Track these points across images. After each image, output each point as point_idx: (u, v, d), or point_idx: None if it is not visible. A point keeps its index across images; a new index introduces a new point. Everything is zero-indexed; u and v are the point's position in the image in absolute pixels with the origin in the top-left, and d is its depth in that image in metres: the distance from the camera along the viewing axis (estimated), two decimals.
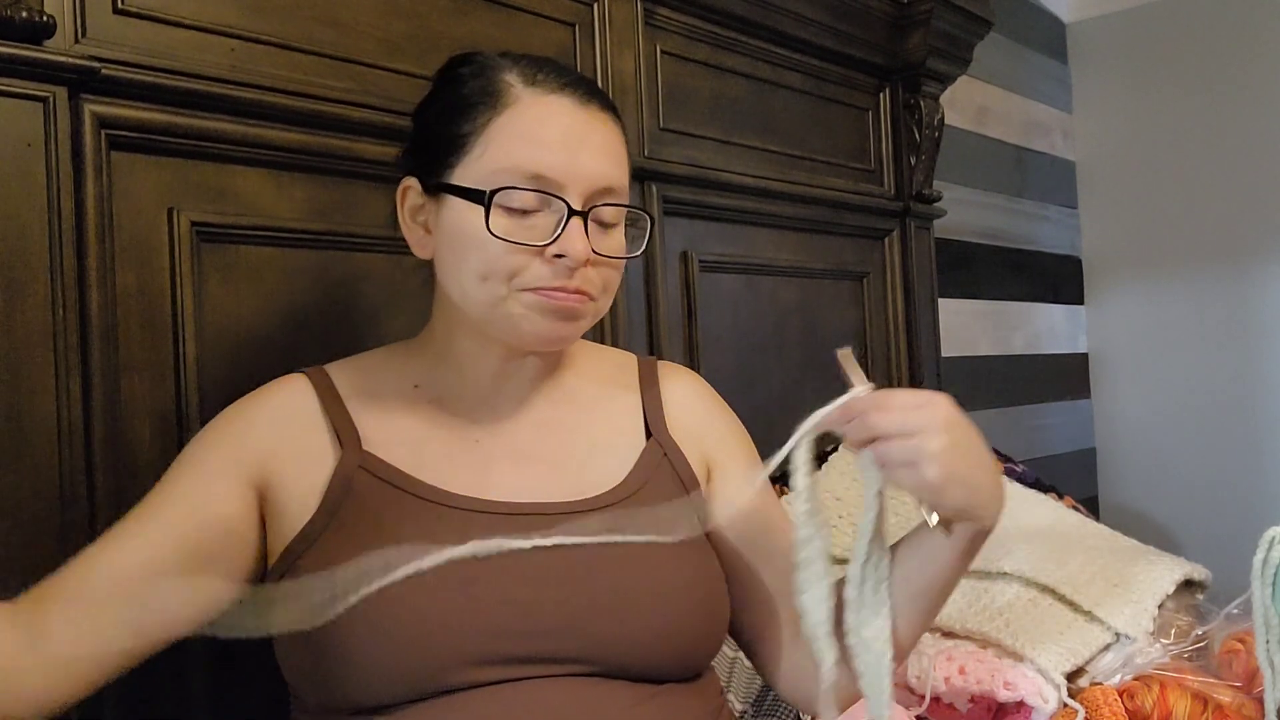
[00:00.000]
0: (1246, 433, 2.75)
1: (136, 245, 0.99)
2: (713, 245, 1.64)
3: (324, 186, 1.13)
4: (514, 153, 0.82)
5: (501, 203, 0.81)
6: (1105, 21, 2.96)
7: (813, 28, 1.80)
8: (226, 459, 0.84)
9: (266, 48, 1.09)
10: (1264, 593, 0.96)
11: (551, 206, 0.82)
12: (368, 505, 0.83)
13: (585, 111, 0.85)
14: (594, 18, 1.44)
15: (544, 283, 0.82)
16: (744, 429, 1.01)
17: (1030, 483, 1.63)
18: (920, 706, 1.21)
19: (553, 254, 0.81)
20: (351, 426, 0.87)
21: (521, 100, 0.84)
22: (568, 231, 0.81)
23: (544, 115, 0.83)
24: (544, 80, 0.85)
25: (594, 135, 0.85)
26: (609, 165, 0.85)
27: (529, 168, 0.81)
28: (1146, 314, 2.92)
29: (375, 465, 0.85)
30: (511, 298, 0.83)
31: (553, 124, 0.83)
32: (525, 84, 0.85)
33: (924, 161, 2.01)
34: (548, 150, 0.82)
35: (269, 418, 0.86)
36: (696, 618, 0.85)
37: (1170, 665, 1.22)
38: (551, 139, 0.82)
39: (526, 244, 0.81)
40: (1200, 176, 2.81)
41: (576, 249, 0.81)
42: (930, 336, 2.04)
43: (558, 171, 0.82)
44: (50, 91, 0.91)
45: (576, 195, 0.82)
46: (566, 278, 0.82)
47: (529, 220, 0.82)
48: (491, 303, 0.83)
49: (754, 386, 1.68)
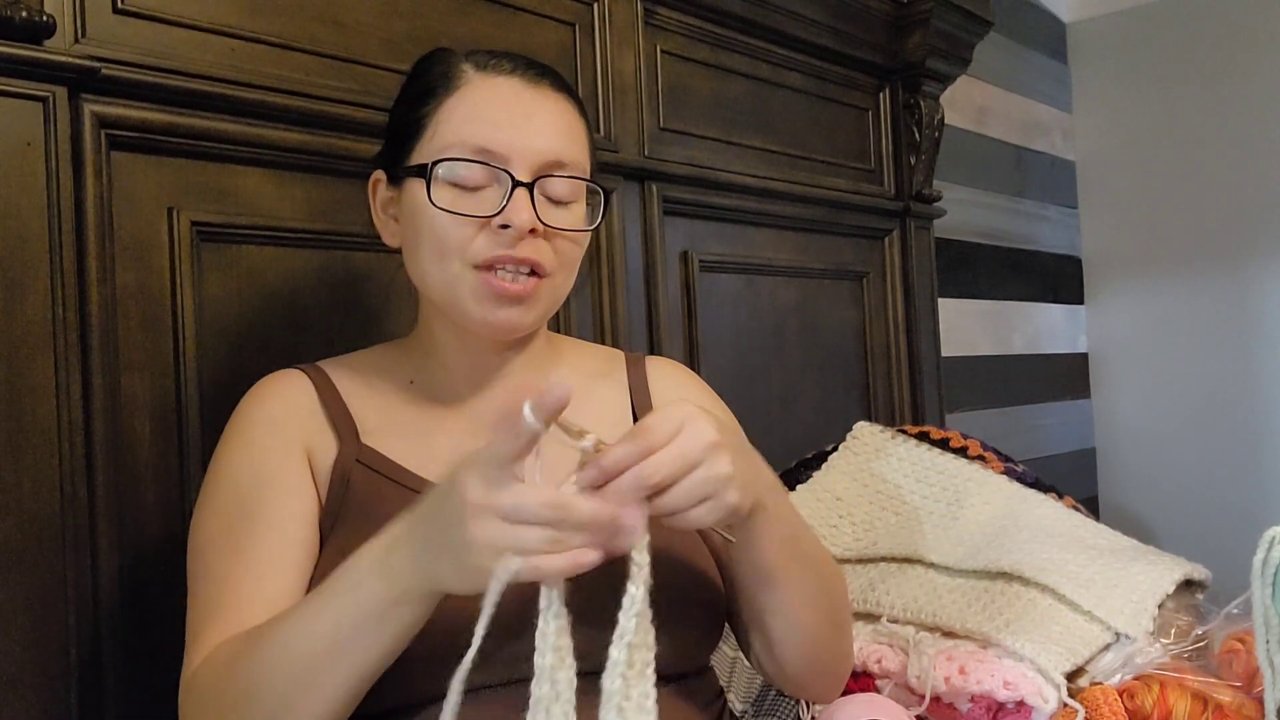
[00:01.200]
0: (1246, 433, 2.75)
1: (136, 245, 0.99)
2: (713, 245, 1.64)
3: (324, 186, 1.13)
4: (460, 129, 0.84)
5: (446, 177, 0.83)
6: (1105, 21, 2.96)
7: (813, 28, 1.80)
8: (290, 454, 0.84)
9: (266, 48, 1.09)
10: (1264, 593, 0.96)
11: (499, 181, 0.83)
12: (366, 499, 0.83)
13: (534, 90, 0.87)
14: (594, 17, 1.44)
15: (490, 252, 0.83)
16: (732, 417, 1.01)
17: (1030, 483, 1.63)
18: (920, 706, 1.21)
19: (498, 224, 0.82)
20: (350, 421, 0.88)
21: (471, 82, 0.86)
22: (513, 202, 0.82)
23: (491, 94, 0.86)
24: (496, 65, 0.87)
25: (541, 112, 0.86)
26: (557, 140, 0.86)
27: (474, 142, 0.83)
28: (1146, 314, 2.92)
29: (371, 458, 0.85)
30: (463, 277, 0.84)
31: (499, 101, 0.85)
32: (477, 69, 0.87)
33: (924, 161, 2.01)
34: (493, 125, 0.84)
35: (293, 409, 0.87)
36: (694, 614, 0.85)
37: (1170, 665, 1.22)
38: (497, 115, 0.84)
39: (471, 215, 0.83)
40: (1200, 176, 2.80)
41: (521, 218, 0.82)
42: (930, 336, 2.04)
43: (502, 145, 0.83)
44: (50, 91, 0.91)
45: (523, 168, 0.83)
46: (511, 247, 0.82)
47: (477, 196, 0.83)
48: (447, 283, 0.84)
49: (754, 386, 1.68)
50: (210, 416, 1.01)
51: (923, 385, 2.00)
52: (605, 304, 1.42)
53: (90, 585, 0.93)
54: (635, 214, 1.49)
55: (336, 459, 0.85)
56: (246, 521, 0.81)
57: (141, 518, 0.98)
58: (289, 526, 0.82)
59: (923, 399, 2.00)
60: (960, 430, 1.76)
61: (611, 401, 0.97)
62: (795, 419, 1.74)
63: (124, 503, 0.97)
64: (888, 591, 1.34)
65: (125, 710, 0.95)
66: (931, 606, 1.29)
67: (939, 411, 2.05)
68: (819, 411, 1.80)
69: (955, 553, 1.37)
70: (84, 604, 0.92)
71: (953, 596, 1.30)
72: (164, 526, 0.99)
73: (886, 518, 1.48)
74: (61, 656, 0.90)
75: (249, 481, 0.83)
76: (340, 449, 0.86)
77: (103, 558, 0.94)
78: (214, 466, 0.86)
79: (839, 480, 1.57)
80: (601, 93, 1.44)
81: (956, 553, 1.37)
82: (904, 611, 1.30)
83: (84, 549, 0.92)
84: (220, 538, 0.82)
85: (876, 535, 1.45)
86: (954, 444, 1.67)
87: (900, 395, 1.97)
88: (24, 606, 0.88)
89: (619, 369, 1.00)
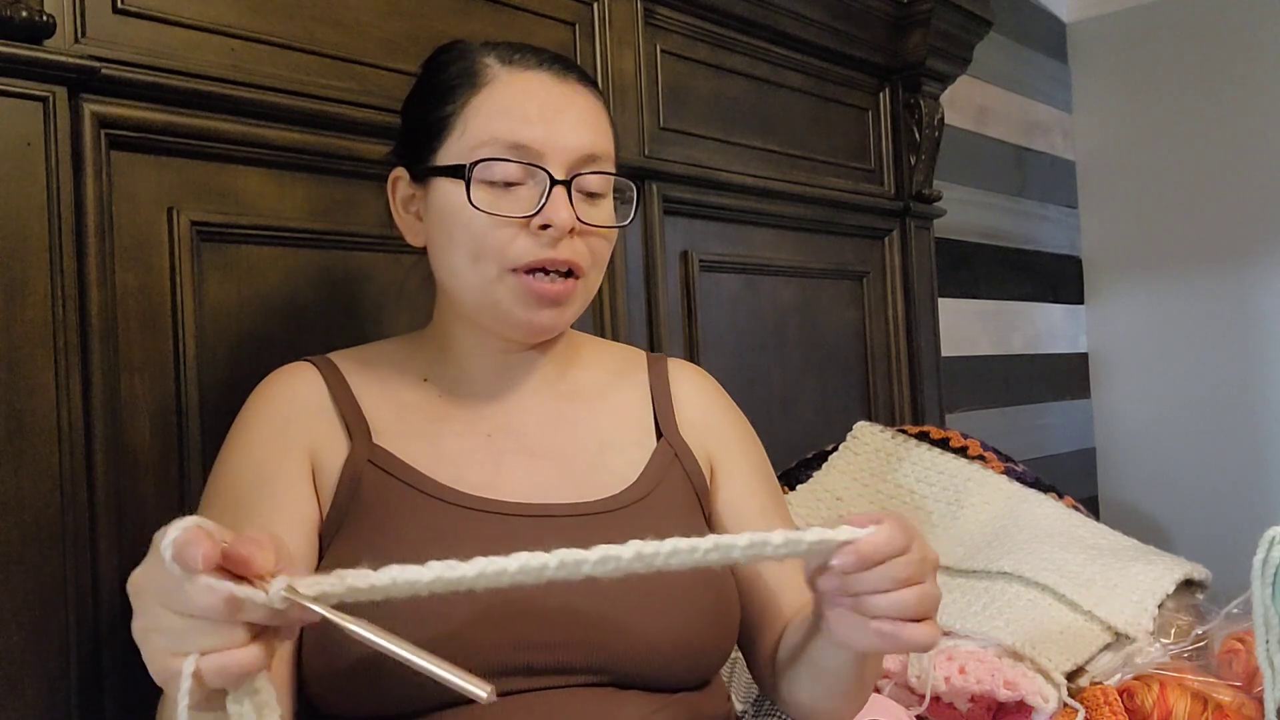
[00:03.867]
0: (1246, 433, 2.75)
1: (136, 245, 0.99)
2: (713, 245, 1.64)
3: (325, 186, 1.13)
4: (493, 126, 0.83)
5: (483, 176, 0.82)
6: (1105, 21, 2.96)
7: (813, 27, 1.80)
8: (289, 458, 0.83)
9: (266, 48, 1.09)
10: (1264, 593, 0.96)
11: (535, 178, 0.82)
12: (376, 501, 0.82)
13: (563, 84, 0.86)
14: (594, 17, 1.44)
15: (532, 256, 0.82)
16: (749, 427, 1.01)
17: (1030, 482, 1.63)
18: (920, 706, 1.21)
19: (538, 225, 0.81)
20: (361, 418, 0.86)
21: (499, 78, 0.85)
22: (552, 200, 0.81)
23: (522, 89, 0.84)
24: (521, 59, 0.86)
25: (573, 106, 0.85)
26: (590, 134, 0.85)
27: (509, 139, 0.82)
28: (1146, 314, 2.92)
29: (384, 459, 0.84)
30: (501, 281, 0.83)
31: (531, 97, 0.84)
32: (503, 64, 0.86)
33: (924, 161, 2.01)
34: (526, 122, 0.83)
35: (300, 408, 0.86)
36: (709, 626, 0.84)
37: (1170, 665, 1.22)
38: (530, 111, 0.83)
39: (511, 215, 0.81)
40: (1200, 176, 2.81)
41: (561, 217, 0.81)
42: (930, 336, 2.04)
43: (537, 141, 0.82)
44: (50, 91, 0.91)
45: (558, 165, 0.83)
46: (553, 249, 0.82)
47: (512, 194, 0.82)
48: (482, 286, 0.83)
49: (754, 386, 1.68)
50: (210, 417, 1.01)
51: (923, 385, 2.00)
52: (605, 304, 1.42)
53: (90, 585, 0.93)
54: (635, 214, 1.49)
55: (347, 458, 0.84)
56: (245, 518, 0.80)
57: (141, 518, 0.98)
58: (283, 526, 0.80)
59: (923, 399, 2.00)
60: (960, 430, 1.76)
61: (631, 403, 0.95)
62: (795, 419, 1.74)
63: (124, 503, 0.97)
64: None
65: (125, 710, 0.94)
66: None
67: (939, 411, 2.05)
68: (819, 411, 1.80)
69: (955, 552, 1.37)
70: (84, 604, 0.92)
71: (953, 596, 1.30)
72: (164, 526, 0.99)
73: None
74: (61, 656, 0.90)
75: (250, 480, 0.82)
76: (351, 448, 0.84)
77: (103, 558, 0.94)
78: (219, 463, 0.85)
79: (839, 480, 1.58)
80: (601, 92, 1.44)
81: (957, 552, 1.37)
82: None
83: (84, 549, 0.92)
84: None
85: None
86: (954, 444, 1.67)
87: (900, 395, 1.97)
88: (24, 606, 0.88)
89: (639, 370, 0.99)
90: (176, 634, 0.52)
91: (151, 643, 0.53)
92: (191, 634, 0.51)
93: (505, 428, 0.89)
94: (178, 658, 0.51)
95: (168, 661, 0.52)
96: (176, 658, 0.52)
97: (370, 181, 1.15)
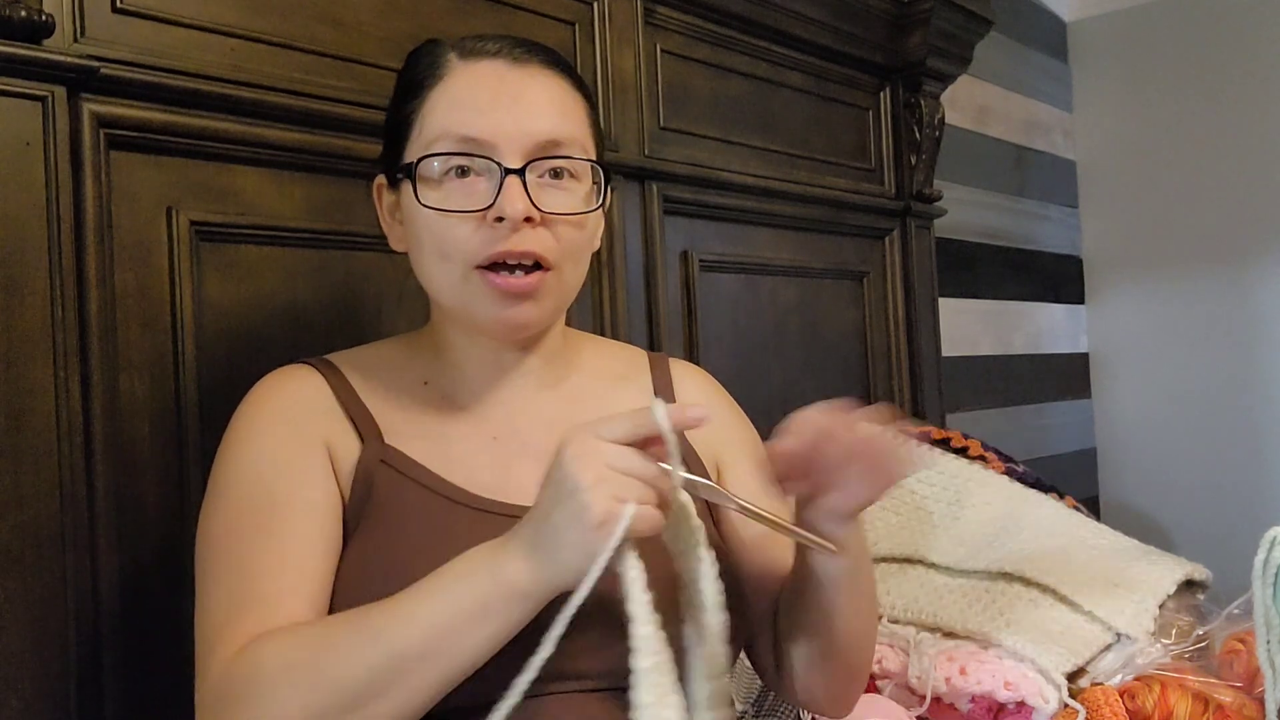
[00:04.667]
0: (1246, 433, 2.75)
1: (136, 245, 0.99)
2: (713, 245, 1.64)
3: (324, 186, 1.13)
4: (444, 121, 0.81)
5: (426, 173, 0.80)
6: (1105, 21, 2.96)
7: (813, 27, 1.79)
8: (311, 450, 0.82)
9: (266, 47, 1.09)
10: (1265, 593, 0.96)
11: (489, 171, 0.80)
12: (391, 501, 0.81)
13: (519, 70, 0.84)
14: (594, 16, 1.44)
15: (490, 249, 0.80)
16: (752, 427, 1.01)
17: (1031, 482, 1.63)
18: (921, 707, 1.21)
19: (493, 218, 0.79)
20: (370, 419, 0.85)
21: (454, 70, 0.83)
22: (504, 191, 0.79)
23: (473, 80, 0.83)
24: (478, 49, 0.84)
25: (528, 91, 0.83)
26: (548, 119, 0.82)
27: (458, 131, 0.80)
28: (1147, 314, 2.92)
29: (397, 460, 0.83)
30: (467, 280, 0.81)
31: (483, 87, 0.82)
32: (460, 56, 0.84)
33: (924, 161, 2.01)
34: (477, 112, 0.81)
35: (308, 408, 0.84)
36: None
37: (1171, 665, 1.22)
38: (481, 100, 0.81)
39: (462, 210, 0.80)
40: (1200, 176, 2.80)
41: (515, 208, 0.79)
42: (930, 336, 2.03)
43: (488, 131, 0.80)
44: (49, 91, 0.91)
45: (513, 153, 0.80)
46: (507, 240, 0.79)
47: (468, 187, 0.81)
48: (453, 287, 0.82)
49: (754, 386, 1.67)
50: (210, 417, 1.01)
51: (923, 385, 2.00)
52: (605, 304, 1.42)
53: (90, 585, 0.93)
54: (635, 213, 1.49)
55: (360, 458, 0.83)
56: (276, 509, 0.78)
57: (141, 518, 0.98)
58: (316, 515, 0.79)
59: (923, 399, 2.00)
60: (961, 430, 1.76)
61: (635, 404, 0.95)
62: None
63: (124, 503, 0.96)
64: (888, 592, 1.34)
65: (124, 710, 0.94)
66: (932, 607, 1.29)
67: (939, 411, 2.05)
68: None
69: (956, 553, 1.37)
70: (84, 604, 0.92)
71: (954, 597, 1.30)
72: (164, 526, 0.99)
73: (887, 517, 1.48)
74: (61, 656, 0.90)
75: (270, 472, 0.80)
76: (363, 448, 0.83)
77: (103, 558, 0.94)
78: (223, 462, 0.83)
79: None
80: (601, 92, 1.44)
81: (957, 553, 1.37)
82: (905, 612, 1.31)
83: (84, 549, 0.92)
84: (242, 528, 0.78)
85: (877, 535, 1.45)
86: (955, 444, 1.67)
87: (901, 395, 1.97)
88: (24, 607, 0.88)
89: (642, 371, 0.98)
90: (624, 486, 0.67)
91: (602, 489, 0.67)
92: (634, 489, 0.67)
93: (510, 431, 0.88)
94: (622, 503, 0.66)
95: (612, 505, 0.66)
96: (621, 503, 0.66)
97: (370, 182, 1.14)
